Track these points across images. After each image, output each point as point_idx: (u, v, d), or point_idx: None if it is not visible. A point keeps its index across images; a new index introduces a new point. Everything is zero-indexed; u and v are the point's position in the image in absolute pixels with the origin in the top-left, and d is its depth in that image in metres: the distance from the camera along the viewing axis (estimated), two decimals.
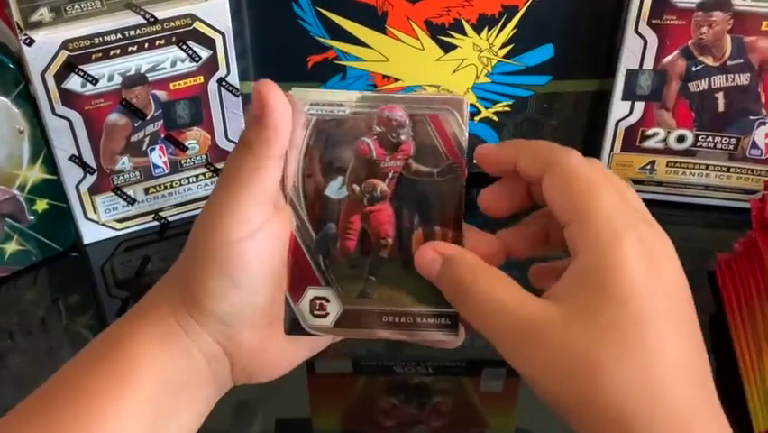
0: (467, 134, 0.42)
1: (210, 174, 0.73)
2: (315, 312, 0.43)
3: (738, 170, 0.73)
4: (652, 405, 0.35)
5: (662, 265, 0.36)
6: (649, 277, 0.36)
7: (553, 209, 0.39)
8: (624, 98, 0.70)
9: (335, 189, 0.43)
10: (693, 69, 0.68)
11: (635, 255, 0.36)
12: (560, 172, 0.38)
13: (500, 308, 0.37)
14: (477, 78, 0.72)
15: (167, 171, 0.72)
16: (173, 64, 0.65)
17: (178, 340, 0.41)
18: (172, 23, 0.63)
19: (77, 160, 0.67)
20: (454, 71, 0.71)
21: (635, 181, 0.75)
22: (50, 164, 0.67)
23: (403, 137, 0.42)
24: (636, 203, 0.39)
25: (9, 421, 0.41)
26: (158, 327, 0.41)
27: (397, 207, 0.43)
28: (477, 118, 0.74)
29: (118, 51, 0.63)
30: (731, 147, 0.71)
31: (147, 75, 0.65)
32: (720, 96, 0.69)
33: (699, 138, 0.72)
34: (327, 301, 0.43)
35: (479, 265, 0.39)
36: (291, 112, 0.40)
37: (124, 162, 0.69)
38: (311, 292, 0.43)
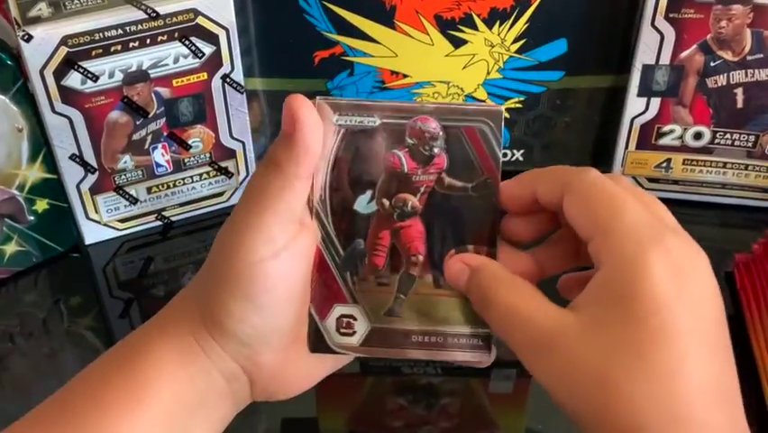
0: (503, 148, 0.41)
1: (214, 173, 0.72)
2: (342, 330, 0.42)
3: (757, 168, 0.71)
4: (670, 427, 0.33)
5: (690, 278, 0.35)
6: (675, 290, 0.34)
7: (576, 228, 0.38)
8: (639, 94, 0.69)
9: (364, 204, 0.42)
10: (711, 64, 0.67)
11: (661, 267, 0.34)
12: (578, 189, 0.38)
13: (521, 316, 0.37)
14: (488, 73, 0.71)
15: (170, 170, 0.71)
16: (176, 60, 0.64)
17: (197, 359, 0.40)
18: (174, 18, 0.62)
19: (78, 159, 0.66)
20: (465, 67, 0.70)
21: (650, 180, 0.74)
22: (50, 163, 0.66)
23: (436, 150, 0.41)
24: (664, 214, 0.37)
25: (23, 427, 0.40)
26: (177, 343, 0.40)
27: (428, 222, 0.42)
28: None
29: (119, 47, 0.62)
30: (750, 144, 0.70)
31: (149, 71, 0.64)
32: (739, 91, 0.68)
33: (717, 135, 0.70)
34: (354, 319, 0.42)
35: (503, 275, 0.39)
36: (322, 128, 0.39)
37: (126, 161, 0.68)
38: (338, 310, 0.42)
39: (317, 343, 0.42)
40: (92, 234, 0.72)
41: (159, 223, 0.73)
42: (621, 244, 0.35)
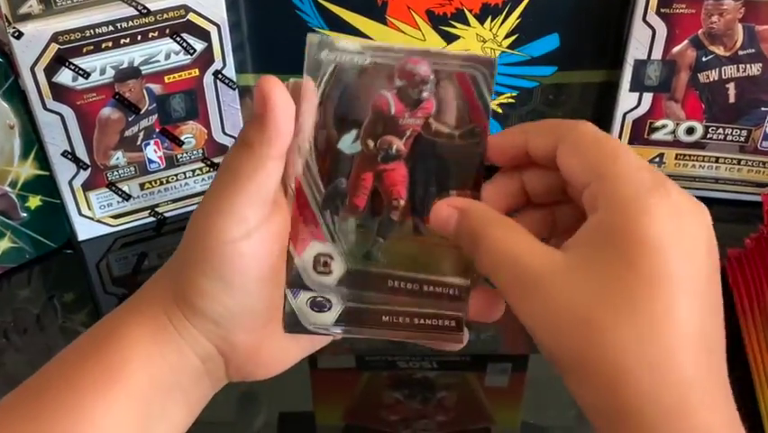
0: (493, 97, 0.40)
1: (207, 169, 0.72)
2: (319, 269, 0.41)
3: (749, 163, 0.71)
4: (649, 374, 0.33)
5: (688, 226, 0.34)
6: (672, 236, 0.33)
7: (568, 176, 0.37)
8: (632, 89, 0.69)
9: (349, 143, 0.40)
10: (703, 59, 0.66)
11: (661, 211, 0.33)
12: (574, 139, 0.37)
13: (510, 255, 0.36)
14: None
15: (162, 166, 0.71)
16: (167, 57, 0.64)
17: (171, 339, 0.40)
18: (165, 15, 0.62)
19: (70, 155, 0.66)
20: None
21: None
22: (43, 160, 0.66)
23: (425, 94, 0.40)
24: (657, 170, 0.36)
25: (1, 410, 0.40)
26: (150, 324, 0.40)
27: (412, 167, 0.41)
28: None
29: (110, 44, 0.62)
30: (742, 139, 0.70)
31: (140, 68, 0.64)
32: (731, 86, 0.68)
33: (709, 130, 0.70)
34: (331, 258, 0.41)
35: (492, 214, 0.38)
36: (294, 108, 0.39)
37: (119, 158, 0.68)
38: (316, 246, 0.41)
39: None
40: (85, 230, 0.72)
41: (152, 219, 0.74)
42: (619, 187, 0.34)
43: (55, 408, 0.39)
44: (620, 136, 0.71)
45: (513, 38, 0.69)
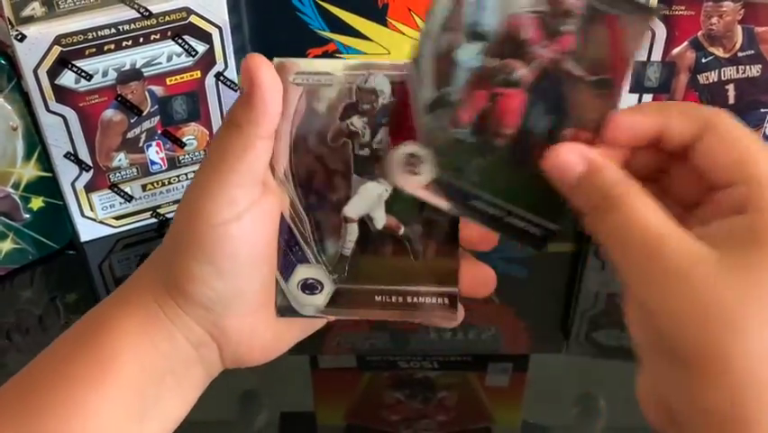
0: (640, 53, 0.38)
1: None
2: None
3: None
4: None
5: None
6: None
7: (710, 168, 0.35)
8: (631, 91, 0.69)
9: (470, 54, 0.37)
10: (703, 60, 0.67)
11: None
12: (725, 130, 0.35)
13: (653, 237, 0.33)
14: None
15: (164, 168, 0.71)
16: (169, 59, 0.65)
17: (162, 327, 0.40)
18: (167, 17, 0.62)
19: (73, 157, 0.67)
20: None
21: None
22: (45, 161, 0.67)
23: (568, 27, 0.36)
24: None
25: None
26: (140, 313, 0.40)
27: (531, 101, 0.37)
28: None
29: (112, 46, 0.62)
30: None
31: (142, 70, 0.64)
32: (731, 87, 0.68)
33: None
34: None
35: (633, 182, 0.35)
36: (282, 87, 0.38)
37: (121, 159, 0.69)
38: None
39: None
40: (87, 231, 0.72)
41: (154, 220, 0.74)
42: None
43: (47, 402, 0.39)
44: None
45: None
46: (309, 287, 0.42)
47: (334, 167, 0.41)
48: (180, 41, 0.64)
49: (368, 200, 0.41)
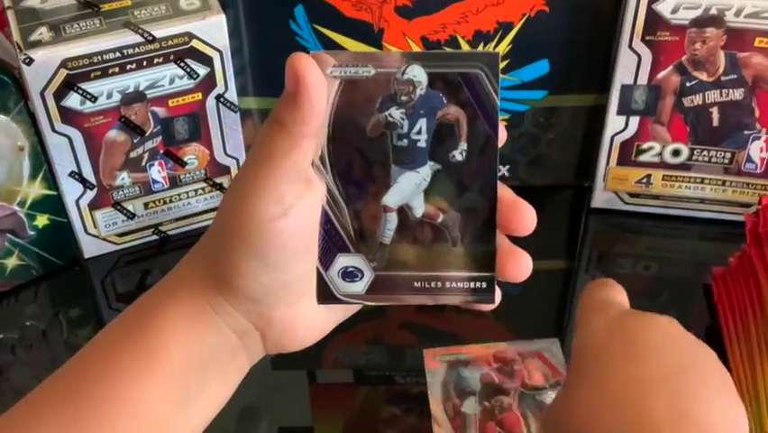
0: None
1: (209, 189, 0.74)
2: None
3: (733, 184, 0.73)
4: None
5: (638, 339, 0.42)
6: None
7: None
8: (619, 113, 0.71)
9: (473, 408, 0.56)
10: (687, 84, 0.68)
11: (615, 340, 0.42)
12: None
13: None
14: None
15: (166, 186, 0.72)
16: (171, 81, 0.66)
17: (208, 319, 0.41)
18: (170, 42, 0.64)
19: (77, 176, 0.68)
20: None
21: (632, 195, 0.75)
22: (51, 180, 0.68)
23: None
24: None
25: (37, 399, 0.40)
26: (186, 305, 0.40)
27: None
28: None
29: (117, 69, 0.64)
30: (726, 161, 0.72)
31: (146, 92, 0.66)
32: (715, 110, 0.69)
33: (695, 152, 0.72)
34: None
35: None
36: (326, 86, 0.38)
37: (124, 178, 0.70)
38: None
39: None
40: (91, 248, 0.73)
41: (155, 237, 0.75)
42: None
43: (93, 393, 0.39)
44: (608, 158, 0.73)
45: (505, 63, 0.71)
46: (349, 275, 0.42)
47: (373, 157, 0.41)
48: (182, 64, 0.65)
49: (406, 190, 0.42)
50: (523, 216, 0.41)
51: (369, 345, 0.68)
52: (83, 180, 0.68)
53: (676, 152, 0.72)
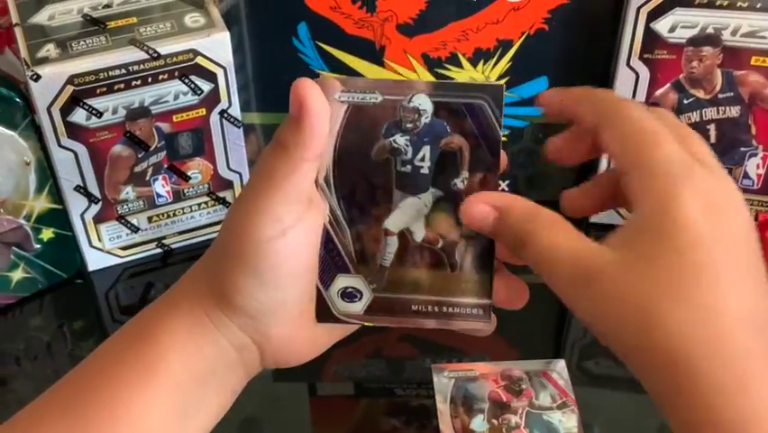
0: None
1: (212, 203, 0.74)
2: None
3: None
4: (708, 355, 0.34)
5: (722, 213, 0.36)
6: (708, 226, 0.35)
7: (613, 160, 0.39)
8: None
9: (479, 424, 0.54)
10: (685, 101, 0.69)
11: (694, 204, 0.35)
12: (618, 124, 0.38)
13: (560, 252, 0.37)
14: None
15: (170, 200, 0.73)
16: (176, 97, 0.67)
17: (207, 332, 0.42)
18: (175, 59, 0.64)
19: (83, 190, 0.69)
20: None
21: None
22: (56, 194, 0.69)
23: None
24: (699, 147, 0.38)
25: (39, 407, 0.41)
26: (187, 318, 0.42)
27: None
28: None
29: (122, 86, 0.64)
30: None
31: (150, 108, 0.67)
32: (712, 127, 0.70)
33: None
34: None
35: (538, 211, 0.39)
36: (329, 111, 0.39)
37: (128, 192, 0.71)
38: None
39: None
40: (95, 261, 0.74)
41: (159, 250, 0.76)
42: (653, 184, 0.36)
43: (93, 402, 0.40)
44: None
45: (504, 80, 0.71)
46: (348, 295, 0.43)
47: (377, 182, 0.42)
48: (187, 80, 0.66)
49: (408, 215, 0.43)
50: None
51: (370, 357, 0.68)
52: (88, 194, 0.69)
53: None
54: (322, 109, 0.39)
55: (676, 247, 0.35)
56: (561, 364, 0.63)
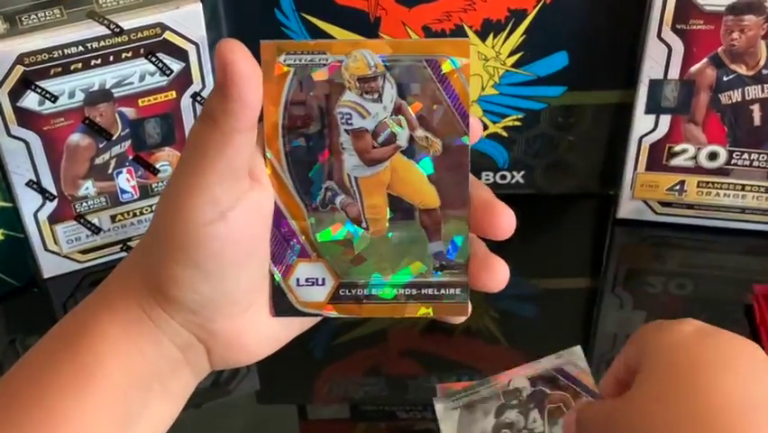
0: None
1: None
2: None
3: None
4: None
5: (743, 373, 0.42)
6: (736, 388, 0.41)
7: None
8: (647, 111, 0.71)
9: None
10: (724, 78, 0.69)
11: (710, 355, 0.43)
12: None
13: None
14: (483, 89, 0.73)
15: (136, 197, 0.73)
16: (141, 78, 0.67)
17: (146, 331, 0.42)
18: (140, 34, 0.65)
19: (36, 185, 0.69)
20: None
21: (663, 204, 0.76)
22: (5, 191, 0.69)
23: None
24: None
25: None
26: (122, 317, 0.41)
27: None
28: (484, 134, 0.75)
29: (80, 65, 0.64)
30: None
31: (112, 91, 0.67)
32: (756, 108, 0.70)
33: (734, 155, 0.73)
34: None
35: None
36: (261, 75, 0.39)
37: (88, 187, 0.71)
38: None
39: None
40: (51, 267, 0.74)
41: (124, 254, 0.74)
42: (663, 338, 0.44)
43: (28, 415, 0.40)
44: (636, 162, 0.74)
45: (518, 56, 0.71)
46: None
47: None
48: (154, 59, 0.66)
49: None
50: (499, 219, 0.42)
51: (368, 375, 0.69)
52: (42, 190, 0.69)
53: (713, 156, 0.73)
54: (251, 72, 0.38)
55: (693, 388, 0.42)
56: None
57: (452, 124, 0.42)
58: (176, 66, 0.67)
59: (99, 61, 0.65)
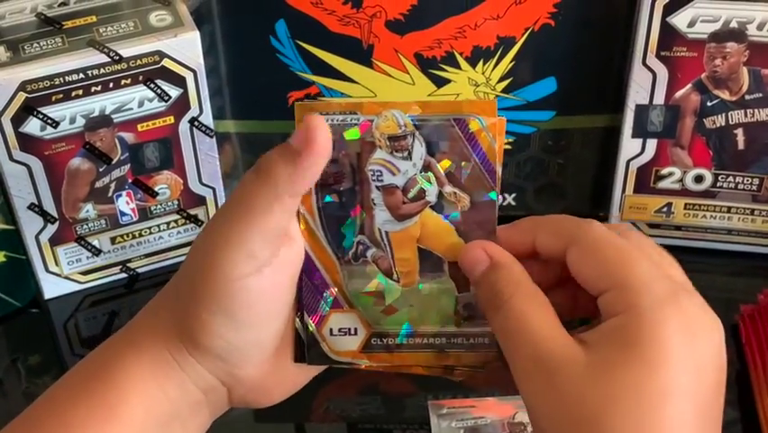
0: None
1: (182, 221, 0.75)
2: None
3: (763, 213, 0.74)
4: None
5: (699, 340, 0.39)
6: (684, 349, 0.38)
7: (583, 281, 0.41)
8: (634, 135, 0.72)
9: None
10: (708, 103, 0.70)
11: (675, 325, 0.38)
12: (586, 243, 0.41)
13: (528, 332, 0.40)
14: None
15: (135, 219, 0.74)
16: (140, 104, 0.68)
17: (172, 374, 0.43)
18: (139, 61, 0.66)
19: (37, 208, 0.70)
20: None
21: (651, 225, 0.77)
22: (8, 213, 0.69)
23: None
24: (674, 271, 0.41)
25: None
26: (150, 358, 0.43)
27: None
28: None
29: (80, 92, 0.65)
30: (754, 188, 0.73)
31: (112, 116, 0.68)
32: (740, 132, 0.71)
33: (719, 178, 0.74)
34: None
35: (525, 280, 0.41)
36: (330, 154, 0.40)
37: (88, 210, 0.72)
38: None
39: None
40: (52, 287, 0.75)
41: (123, 275, 0.76)
42: (637, 299, 0.38)
43: None
44: (624, 185, 0.75)
45: (507, 81, 0.73)
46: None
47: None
48: (152, 85, 0.67)
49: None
50: None
51: (364, 394, 0.69)
52: (43, 213, 0.70)
53: (699, 178, 0.74)
54: (327, 149, 0.40)
55: (645, 359, 0.37)
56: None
57: (480, 180, 0.43)
58: (174, 92, 0.68)
59: (99, 88, 0.66)
